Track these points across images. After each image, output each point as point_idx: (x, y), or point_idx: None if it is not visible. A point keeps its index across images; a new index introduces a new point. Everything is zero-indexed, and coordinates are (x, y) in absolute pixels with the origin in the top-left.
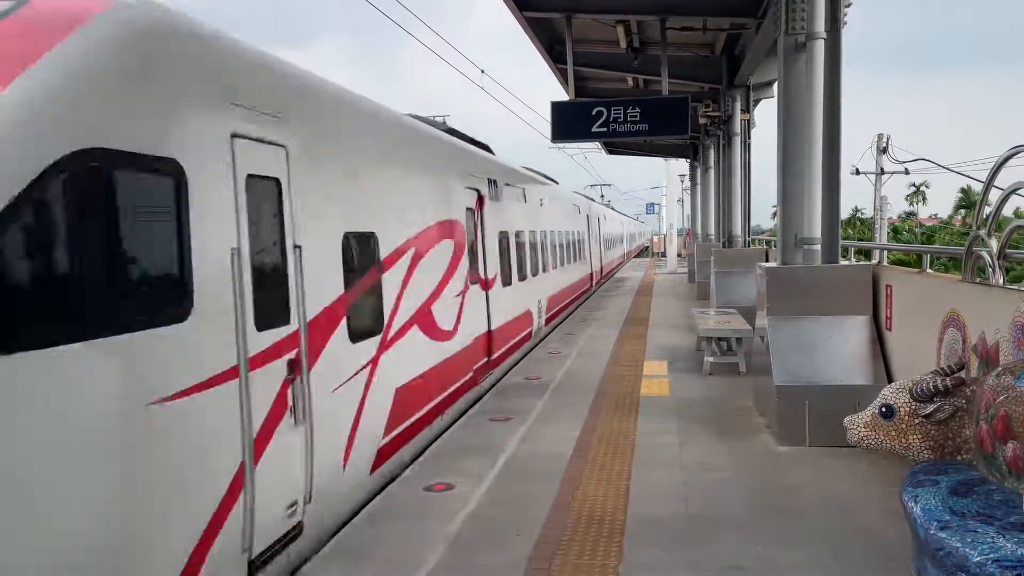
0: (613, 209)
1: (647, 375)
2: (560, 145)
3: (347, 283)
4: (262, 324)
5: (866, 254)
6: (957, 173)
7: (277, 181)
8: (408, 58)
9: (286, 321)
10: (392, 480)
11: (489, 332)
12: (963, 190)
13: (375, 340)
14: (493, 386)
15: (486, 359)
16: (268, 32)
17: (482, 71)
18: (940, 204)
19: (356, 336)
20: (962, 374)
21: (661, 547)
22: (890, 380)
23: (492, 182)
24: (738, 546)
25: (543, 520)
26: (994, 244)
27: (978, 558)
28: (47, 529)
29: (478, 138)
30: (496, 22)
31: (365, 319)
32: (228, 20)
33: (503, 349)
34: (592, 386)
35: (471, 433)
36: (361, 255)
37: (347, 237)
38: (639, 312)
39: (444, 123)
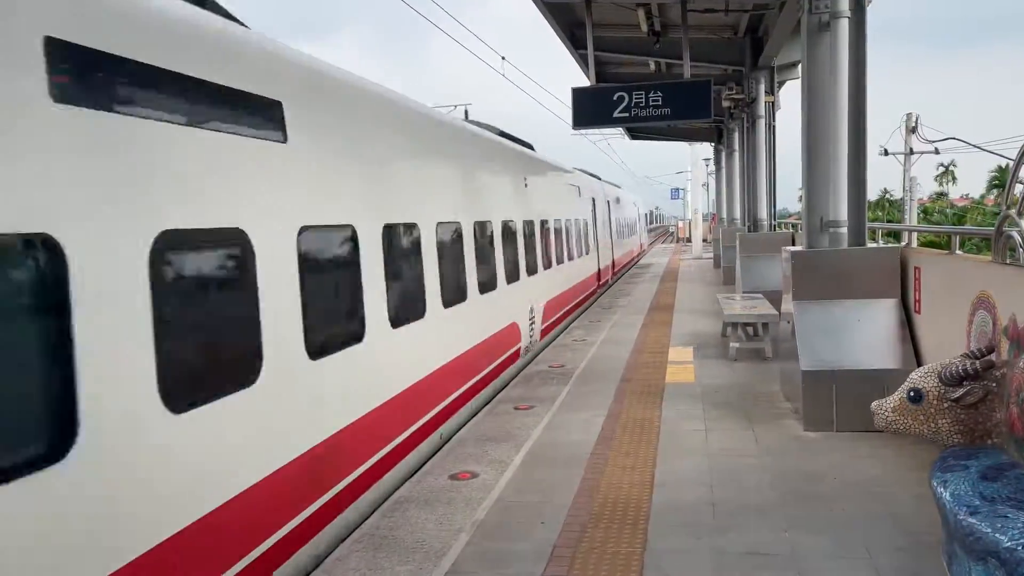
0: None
1: (672, 361)
2: (582, 132)
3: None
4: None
5: (895, 236)
6: (989, 152)
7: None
8: (430, 48)
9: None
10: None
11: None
12: (999, 168)
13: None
14: (520, 371)
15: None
16: (288, 24)
17: (503, 58)
18: (973, 183)
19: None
20: (992, 357)
21: (686, 534)
22: (919, 364)
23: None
24: (764, 532)
25: (567, 508)
26: None
27: (1008, 543)
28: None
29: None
30: (516, 9)
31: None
32: (249, 14)
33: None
34: (617, 373)
35: (495, 422)
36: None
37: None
38: (664, 298)
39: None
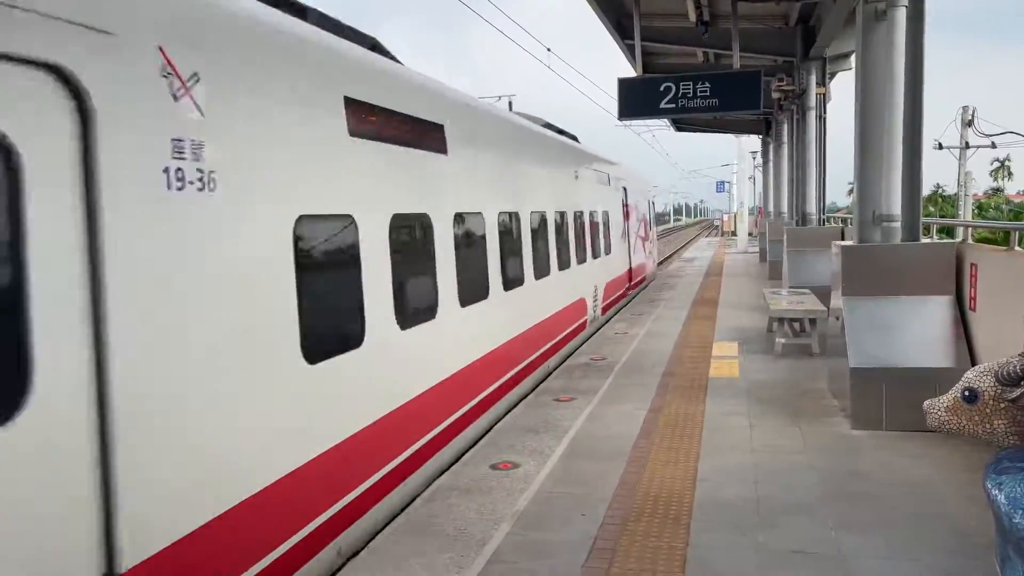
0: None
1: (716, 356)
2: (627, 123)
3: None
4: None
5: (948, 232)
6: None
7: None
8: (474, 39)
9: None
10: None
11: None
12: None
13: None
14: (558, 365)
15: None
16: (333, 14)
17: (548, 49)
18: None
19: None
20: None
21: (730, 530)
22: (974, 363)
23: None
24: (809, 531)
25: (608, 501)
26: None
27: None
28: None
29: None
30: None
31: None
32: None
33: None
34: (659, 367)
35: (536, 413)
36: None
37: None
38: (709, 292)
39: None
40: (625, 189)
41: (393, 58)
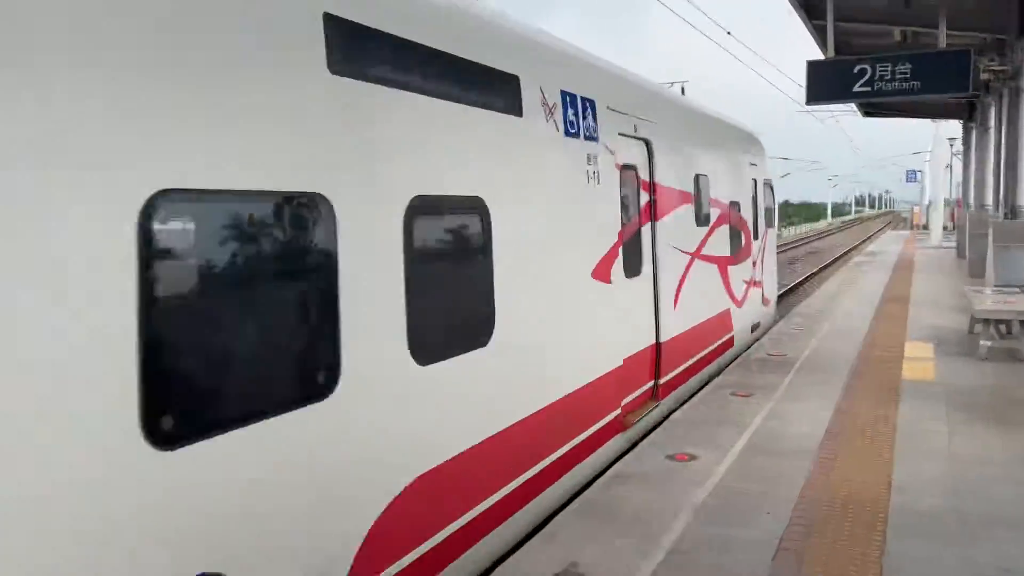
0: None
1: (909, 357)
2: (811, 108)
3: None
4: None
5: None
6: None
7: None
8: (648, 24)
9: None
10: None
11: None
12: None
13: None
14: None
15: None
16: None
17: (728, 32)
18: None
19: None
20: None
21: (930, 541)
22: None
23: None
24: (1019, 547)
25: (793, 501)
26: None
27: None
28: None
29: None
30: None
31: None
32: None
33: None
34: (844, 366)
35: (713, 407)
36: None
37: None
38: (898, 289)
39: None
40: (649, 145)
41: None
